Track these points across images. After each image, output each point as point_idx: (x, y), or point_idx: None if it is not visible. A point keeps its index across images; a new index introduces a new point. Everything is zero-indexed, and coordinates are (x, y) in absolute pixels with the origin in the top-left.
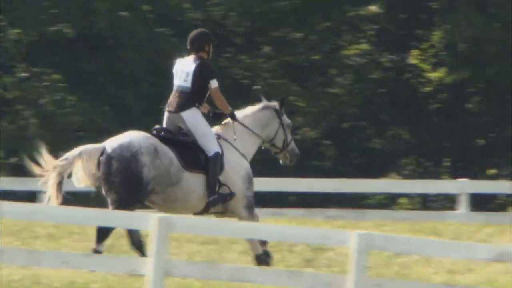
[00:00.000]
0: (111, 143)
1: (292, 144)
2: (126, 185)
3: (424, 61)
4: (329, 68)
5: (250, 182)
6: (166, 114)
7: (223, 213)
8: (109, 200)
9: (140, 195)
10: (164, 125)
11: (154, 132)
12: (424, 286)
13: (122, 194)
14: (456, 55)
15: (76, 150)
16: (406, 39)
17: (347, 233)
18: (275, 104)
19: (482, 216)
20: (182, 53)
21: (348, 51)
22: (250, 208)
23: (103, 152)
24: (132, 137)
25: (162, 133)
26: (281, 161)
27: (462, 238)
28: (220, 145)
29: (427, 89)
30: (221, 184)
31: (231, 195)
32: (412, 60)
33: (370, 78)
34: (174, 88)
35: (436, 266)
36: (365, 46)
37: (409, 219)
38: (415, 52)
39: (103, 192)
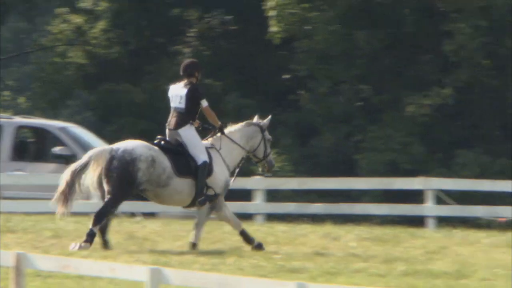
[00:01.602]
0: (118, 146)
1: (271, 157)
2: (120, 180)
3: None
4: None
5: (224, 190)
6: (167, 131)
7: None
8: (106, 191)
9: (130, 192)
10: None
11: (156, 141)
12: None
13: (115, 188)
14: None
15: (87, 154)
16: None
17: None
18: (260, 121)
19: None
20: None
21: None
22: (213, 207)
23: (110, 151)
24: (136, 145)
25: (162, 143)
26: (259, 169)
27: None
28: (210, 154)
29: None
30: (208, 187)
31: (216, 196)
32: None
33: None
34: (172, 109)
35: None
36: None
37: None
38: None
39: (104, 184)
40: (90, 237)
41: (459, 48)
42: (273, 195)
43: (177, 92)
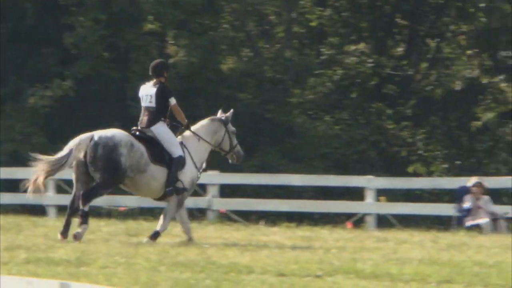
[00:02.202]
0: (99, 134)
1: (238, 147)
2: (107, 168)
3: None
4: None
5: (191, 186)
6: (136, 128)
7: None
8: (95, 179)
9: (118, 177)
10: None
11: (132, 132)
12: None
13: (104, 175)
14: None
15: (69, 145)
16: None
17: None
18: (222, 115)
19: None
20: None
21: None
22: (180, 203)
23: (91, 139)
24: (115, 132)
25: (137, 133)
26: (230, 161)
27: None
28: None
29: None
30: (177, 180)
31: (183, 189)
32: None
33: None
34: (142, 109)
35: None
36: None
37: None
38: None
39: (90, 171)
40: (84, 218)
41: (80, 40)
42: None
43: (147, 92)
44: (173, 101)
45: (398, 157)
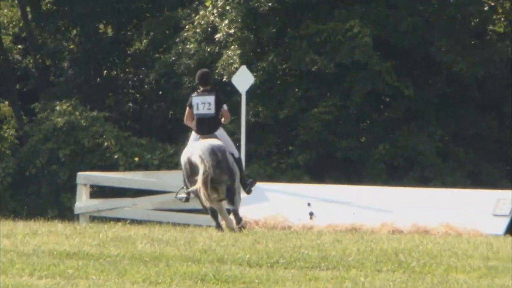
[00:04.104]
0: (211, 143)
1: None
2: (229, 168)
3: None
4: None
5: None
6: (200, 137)
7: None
8: (221, 181)
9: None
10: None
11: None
12: None
13: (230, 174)
14: None
15: (200, 155)
16: None
17: None
18: None
19: None
20: None
21: None
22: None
23: (213, 149)
24: (216, 140)
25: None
26: None
27: None
28: None
29: None
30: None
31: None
32: None
33: None
34: (199, 116)
35: None
36: None
37: None
38: None
39: (214, 175)
40: (237, 216)
41: None
42: None
43: (204, 100)
44: (225, 106)
45: None
